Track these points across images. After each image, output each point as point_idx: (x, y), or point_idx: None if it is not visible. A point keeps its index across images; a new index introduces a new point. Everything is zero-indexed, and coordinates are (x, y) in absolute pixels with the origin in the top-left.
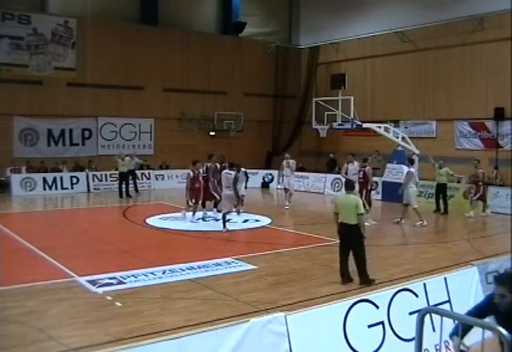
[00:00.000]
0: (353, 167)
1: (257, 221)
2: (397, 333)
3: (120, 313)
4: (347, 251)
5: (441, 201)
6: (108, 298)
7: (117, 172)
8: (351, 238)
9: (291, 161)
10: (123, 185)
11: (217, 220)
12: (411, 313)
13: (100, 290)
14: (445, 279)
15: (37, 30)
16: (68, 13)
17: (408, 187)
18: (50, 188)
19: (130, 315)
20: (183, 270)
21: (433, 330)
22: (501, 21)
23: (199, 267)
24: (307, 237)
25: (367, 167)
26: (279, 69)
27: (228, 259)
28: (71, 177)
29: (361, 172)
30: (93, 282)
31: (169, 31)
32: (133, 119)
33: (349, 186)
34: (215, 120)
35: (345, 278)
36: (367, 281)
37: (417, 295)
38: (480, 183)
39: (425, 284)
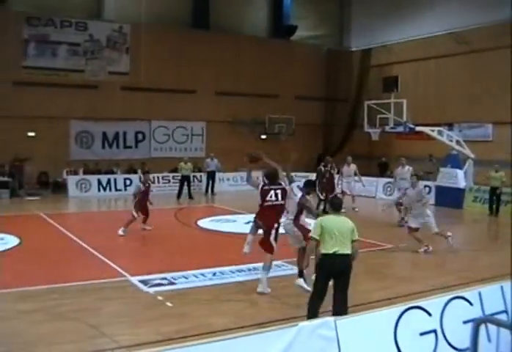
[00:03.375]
0: (403, 171)
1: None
2: (451, 342)
3: (170, 313)
4: (325, 292)
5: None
6: (160, 298)
7: (180, 175)
8: (344, 274)
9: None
10: (185, 187)
11: None
12: (465, 322)
13: (152, 290)
14: (502, 287)
15: (93, 36)
16: (123, 19)
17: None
18: (104, 189)
19: (180, 316)
20: (233, 272)
21: (489, 340)
22: None
23: (248, 269)
24: (357, 241)
25: None
26: (331, 72)
27: (278, 262)
28: (124, 179)
29: None
30: (145, 282)
31: (220, 35)
32: (185, 123)
33: (337, 205)
34: (266, 124)
35: None
36: None
37: (471, 304)
38: None
39: (480, 293)
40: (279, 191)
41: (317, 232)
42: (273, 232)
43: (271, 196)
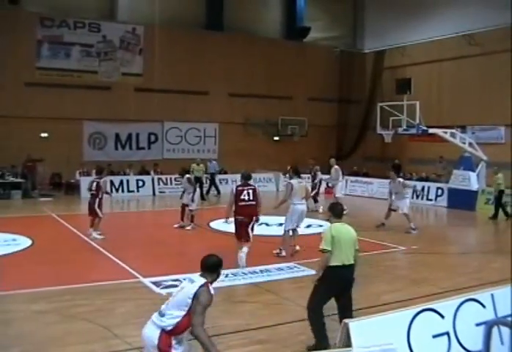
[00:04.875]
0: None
1: (321, 226)
2: (463, 344)
3: None
4: (325, 302)
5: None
6: None
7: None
8: (351, 284)
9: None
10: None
11: None
12: (477, 324)
13: (164, 292)
14: None
15: (106, 37)
16: (136, 20)
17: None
18: (117, 190)
19: None
20: (246, 274)
21: (502, 343)
22: None
23: (261, 271)
24: (370, 243)
25: None
26: (344, 74)
27: (290, 264)
28: (137, 180)
29: None
30: (157, 284)
31: (233, 37)
32: (198, 124)
33: (339, 212)
34: (279, 125)
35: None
36: None
37: (484, 306)
38: None
39: (492, 295)
40: (250, 191)
41: (330, 243)
42: (252, 223)
43: (244, 195)
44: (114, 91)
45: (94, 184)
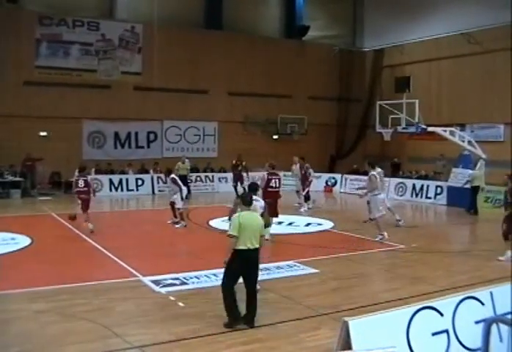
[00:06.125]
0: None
1: (320, 224)
2: (463, 342)
3: (183, 313)
4: (235, 283)
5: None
6: (172, 298)
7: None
8: (257, 267)
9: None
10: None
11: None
12: (477, 322)
13: (164, 290)
14: None
15: (105, 36)
16: (135, 19)
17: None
18: (116, 189)
19: (193, 316)
20: None
21: (501, 340)
22: None
23: (260, 269)
24: (370, 241)
25: None
26: (343, 72)
27: (290, 262)
28: (136, 179)
29: None
30: (157, 282)
31: (233, 36)
32: (198, 123)
33: (248, 201)
34: (278, 124)
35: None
36: (252, 322)
37: (483, 304)
38: None
39: (491, 293)
40: (277, 180)
41: (237, 230)
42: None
43: (272, 183)
44: (114, 90)
45: (82, 181)
